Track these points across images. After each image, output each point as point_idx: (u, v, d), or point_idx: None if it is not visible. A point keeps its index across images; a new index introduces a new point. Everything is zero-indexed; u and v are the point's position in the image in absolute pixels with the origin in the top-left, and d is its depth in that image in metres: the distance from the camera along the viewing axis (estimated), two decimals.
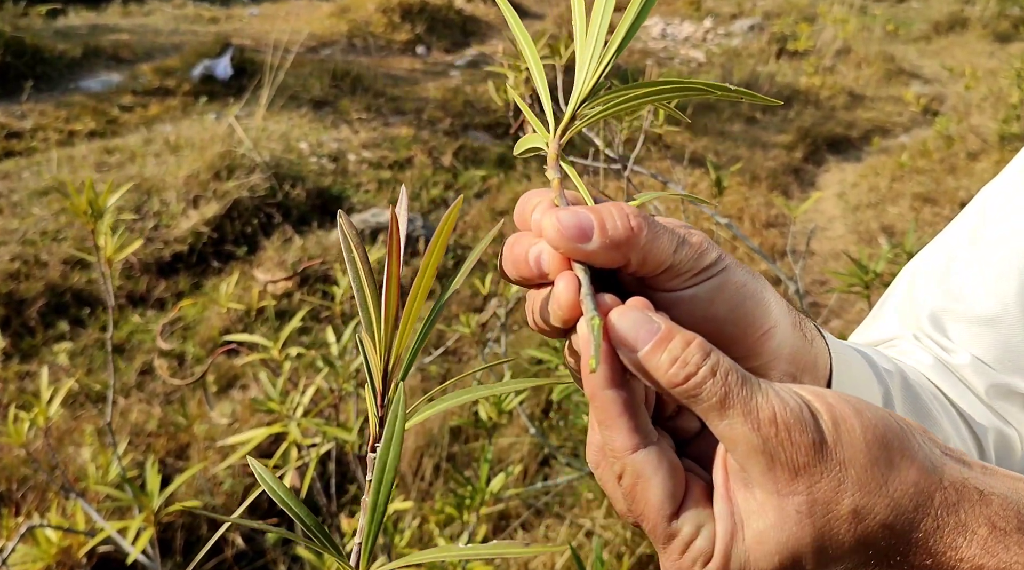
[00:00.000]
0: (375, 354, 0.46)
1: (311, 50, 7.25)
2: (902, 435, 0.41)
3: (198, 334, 3.67)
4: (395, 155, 5.44)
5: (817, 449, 0.40)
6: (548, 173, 0.50)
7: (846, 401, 0.42)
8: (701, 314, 0.47)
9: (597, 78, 0.50)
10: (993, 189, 0.80)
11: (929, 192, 5.14)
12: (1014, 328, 0.73)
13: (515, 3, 9.42)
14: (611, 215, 0.45)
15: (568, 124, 0.50)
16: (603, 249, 0.44)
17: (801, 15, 8.33)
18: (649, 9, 0.50)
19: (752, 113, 6.60)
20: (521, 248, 0.47)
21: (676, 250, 0.46)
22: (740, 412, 0.40)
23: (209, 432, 2.94)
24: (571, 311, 0.45)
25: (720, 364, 0.41)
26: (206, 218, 4.38)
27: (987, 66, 7.44)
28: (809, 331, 0.55)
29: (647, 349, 0.42)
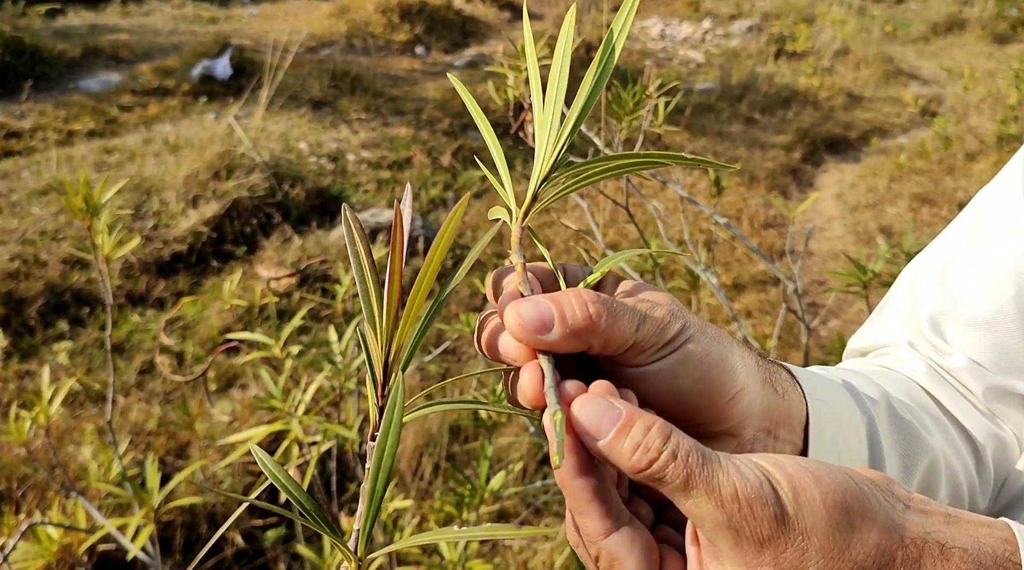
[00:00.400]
0: (376, 346, 0.47)
1: (310, 50, 7.26)
2: (862, 497, 0.43)
3: (197, 333, 3.67)
4: (394, 155, 5.44)
5: (780, 521, 0.41)
6: (512, 257, 0.51)
7: (805, 469, 0.43)
8: (667, 387, 0.49)
9: (555, 158, 0.51)
10: (991, 191, 0.81)
11: (927, 193, 5.15)
12: (1010, 330, 0.73)
13: (514, 3, 9.43)
14: (570, 304, 0.46)
15: (530, 205, 0.52)
16: (564, 339, 0.46)
17: (800, 16, 8.34)
18: (602, 87, 0.52)
19: (751, 114, 6.61)
20: (491, 335, 0.50)
21: (638, 329, 0.48)
22: (703, 491, 0.41)
23: (209, 431, 2.94)
24: (537, 401, 0.47)
25: (681, 446, 0.42)
26: (205, 218, 4.39)
27: (985, 67, 7.45)
28: (780, 384, 0.57)
29: (609, 438, 0.43)
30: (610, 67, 0.51)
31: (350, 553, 0.45)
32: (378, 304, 0.47)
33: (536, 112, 0.53)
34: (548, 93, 0.52)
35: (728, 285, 4.21)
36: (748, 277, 4.36)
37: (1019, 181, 0.77)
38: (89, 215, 1.62)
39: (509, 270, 0.52)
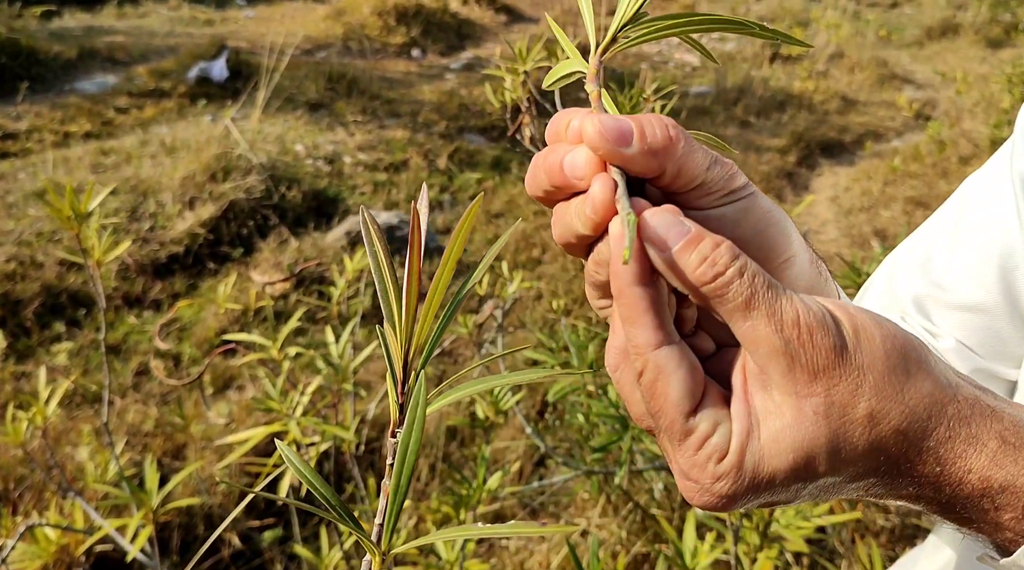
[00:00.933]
0: (396, 344, 0.48)
1: (306, 52, 7.27)
2: (920, 349, 0.43)
3: (194, 335, 3.68)
4: (390, 157, 5.45)
5: (838, 353, 0.41)
6: (588, 86, 0.51)
7: (867, 313, 0.44)
8: (727, 234, 0.48)
9: (639, 6, 0.51)
10: (975, 179, 0.82)
11: (921, 196, 5.17)
12: (997, 314, 0.74)
13: (510, 7, 9.45)
14: (651, 123, 0.46)
15: (609, 44, 0.52)
16: (641, 155, 0.45)
17: (795, 20, 8.37)
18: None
19: (746, 117, 6.63)
20: (556, 156, 0.48)
21: (709, 167, 0.47)
22: (764, 313, 0.41)
23: (206, 432, 2.95)
24: (605, 212, 0.46)
25: (747, 266, 0.43)
26: (202, 220, 4.39)
27: (979, 71, 7.49)
28: (824, 271, 0.57)
29: (678, 248, 0.43)
30: None
31: (374, 546, 0.45)
32: (397, 303, 0.47)
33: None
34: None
35: None
36: None
37: (1001, 170, 0.78)
38: (77, 223, 1.62)
39: (572, 110, 0.50)
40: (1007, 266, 0.74)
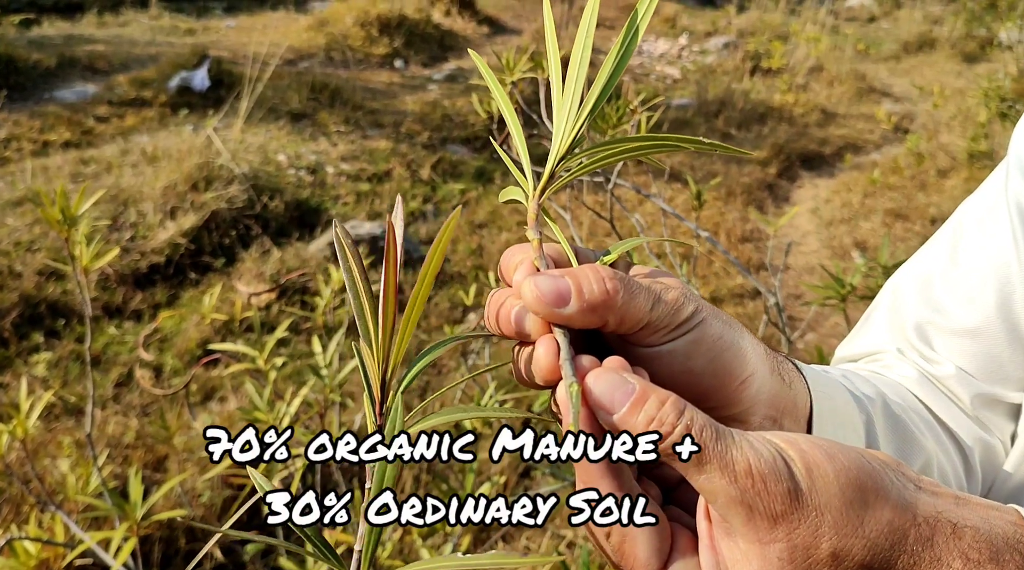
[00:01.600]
0: (373, 363, 0.47)
1: (289, 63, 7.25)
2: (874, 475, 0.43)
3: (176, 346, 3.64)
4: (373, 168, 5.44)
5: (793, 497, 0.41)
6: (528, 233, 0.51)
7: (818, 446, 0.43)
8: (679, 368, 0.49)
9: (574, 137, 0.52)
10: (971, 203, 0.83)
11: (901, 208, 5.22)
12: (996, 338, 0.75)
13: (492, 19, 9.48)
14: (588, 280, 0.46)
15: (547, 183, 0.52)
16: (580, 313, 0.46)
17: (774, 33, 8.45)
18: (622, 69, 0.52)
19: (727, 129, 6.68)
20: (505, 309, 0.49)
21: (652, 308, 0.48)
22: (717, 466, 0.41)
23: (188, 444, 2.92)
24: (551, 374, 0.47)
25: (695, 421, 0.43)
26: (183, 229, 4.36)
27: (955, 85, 7.59)
28: (787, 373, 0.57)
29: (623, 412, 0.43)
30: (633, 47, 0.52)
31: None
32: (373, 320, 0.47)
33: (555, 89, 0.53)
34: (569, 70, 0.52)
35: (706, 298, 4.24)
36: (726, 290, 4.40)
37: (997, 193, 0.79)
38: (67, 227, 1.61)
39: (521, 249, 0.52)
40: (1005, 291, 0.74)
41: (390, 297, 0.45)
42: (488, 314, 0.51)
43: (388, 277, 0.45)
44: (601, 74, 0.51)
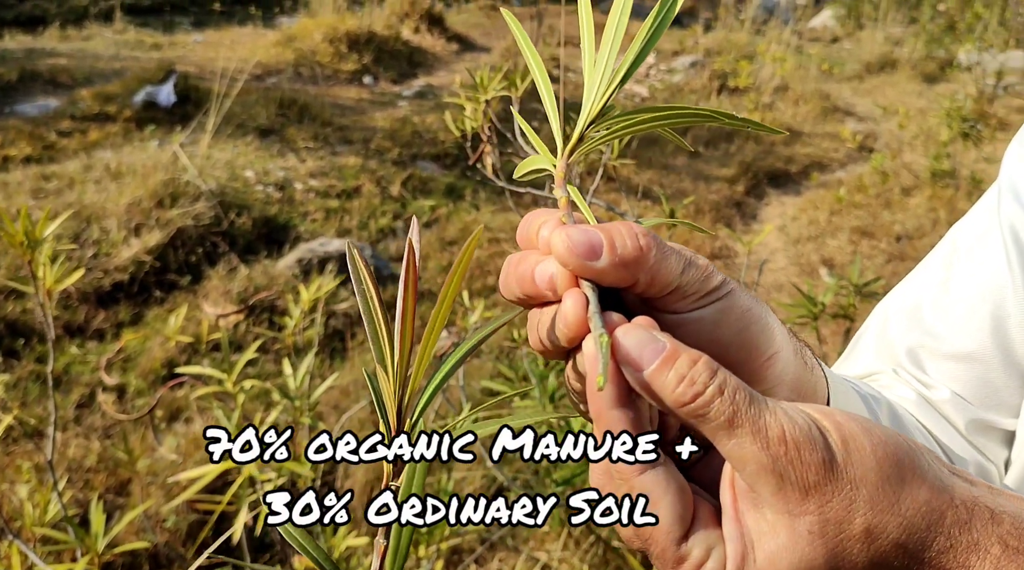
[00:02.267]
0: (389, 388, 0.45)
1: (256, 78, 7.19)
2: (912, 453, 0.42)
3: (140, 366, 3.56)
4: (343, 184, 5.40)
5: (828, 467, 0.40)
6: (556, 192, 0.50)
7: (854, 419, 0.42)
8: (707, 337, 0.47)
9: (606, 100, 0.50)
10: (962, 227, 0.83)
11: (866, 226, 5.29)
12: (990, 364, 0.74)
13: (461, 36, 9.50)
14: (620, 234, 0.45)
15: (576, 145, 0.50)
16: (612, 267, 0.44)
17: (741, 53, 8.56)
18: (663, 30, 0.51)
19: (695, 146, 6.73)
20: (527, 266, 0.47)
21: (683, 271, 0.46)
22: (749, 431, 0.40)
23: (152, 467, 2.84)
24: (578, 329, 0.44)
25: (727, 383, 0.41)
26: (148, 247, 4.28)
27: (916, 105, 7.73)
28: (809, 359, 0.56)
29: (653, 368, 0.42)
30: (672, 12, 0.50)
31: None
32: (389, 343, 0.45)
33: (587, 49, 0.51)
34: (606, 31, 0.50)
35: None
36: None
37: (988, 218, 0.79)
38: (30, 249, 1.56)
39: (543, 212, 0.49)
40: (999, 315, 0.74)
41: (408, 318, 0.43)
42: (507, 276, 0.49)
43: (407, 298, 0.43)
44: (637, 39, 0.50)
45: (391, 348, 0.45)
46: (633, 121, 0.50)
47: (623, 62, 0.51)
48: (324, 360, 3.66)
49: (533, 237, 0.48)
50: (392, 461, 0.44)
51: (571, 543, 2.47)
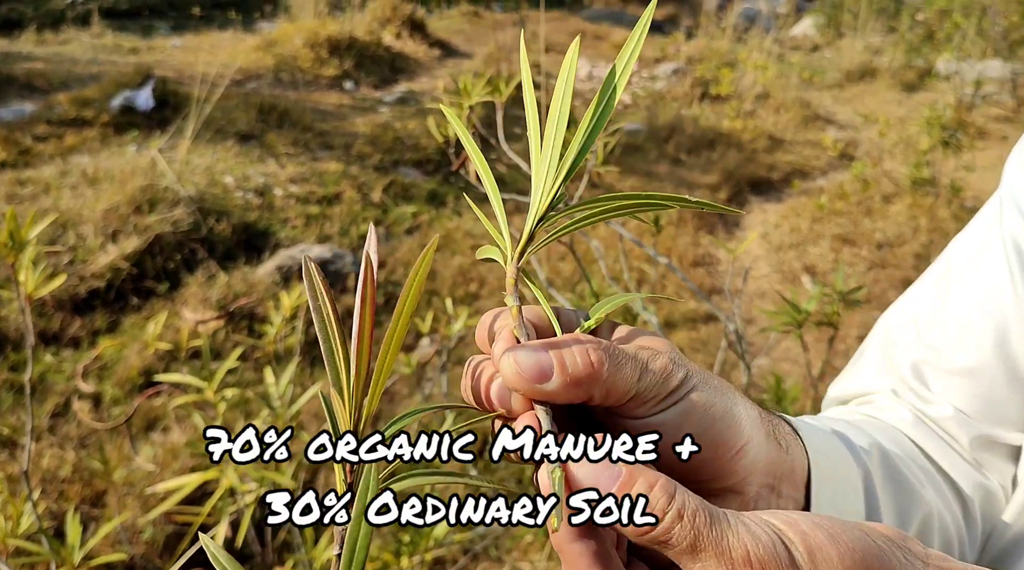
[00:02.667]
0: (344, 413, 0.43)
1: (236, 83, 7.13)
2: (881, 557, 0.40)
3: (116, 374, 3.50)
4: (323, 190, 5.35)
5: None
6: (507, 300, 0.48)
7: (819, 527, 0.40)
8: (670, 440, 0.46)
9: (553, 196, 0.49)
10: (962, 240, 0.81)
11: (848, 233, 5.31)
12: (994, 378, 0.73)
13: (443, 42, 9.48)
14: (571, 353, 0.44)
15: (526, 245, 0.49)
16: (564, 388, 0.43)
17: (722, 61, 8.59)
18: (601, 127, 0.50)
19: (677, 154, 6.74)
20: (482, 381, 0.47)
21: (640, 378, 0.45)
22: (712, 554, 0.38)
23: (129, 478, 2.79)
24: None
25: (687, 505, 0.40)
26: (125, 253, 4.22)
27: (896, 114, 7.79)
28: (783, 437, 0.54)
29: None
30: (612, 103, 0.49)
31: None
32: (345, 365, 0.42)
33: (533, 145, 0.50)
34: (548, 125, 0.50)
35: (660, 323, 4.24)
36: (679, 315, 4.40)
37: (985, 231, 0.77)
38: (14, 252, 1.52)
39: (501, 313, 0.49)
40: (1001, 329, 0.73)
41: (365, 337, 0.41)
42: (465, 387, 0.48)
43: (364, 316, 0.40)
44: (579, 132, 0.49)
45: (347, 370, 0.42)
46: (583, 216, 0.49)
47: (567, 156, 0.49)
48: (305, 368, 3.62)
49: (487, 344, 0.48)
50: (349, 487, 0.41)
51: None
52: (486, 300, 4.30)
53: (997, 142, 6.95)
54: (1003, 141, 6.96)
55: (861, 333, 4.28)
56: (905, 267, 4.93)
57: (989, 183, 5.95)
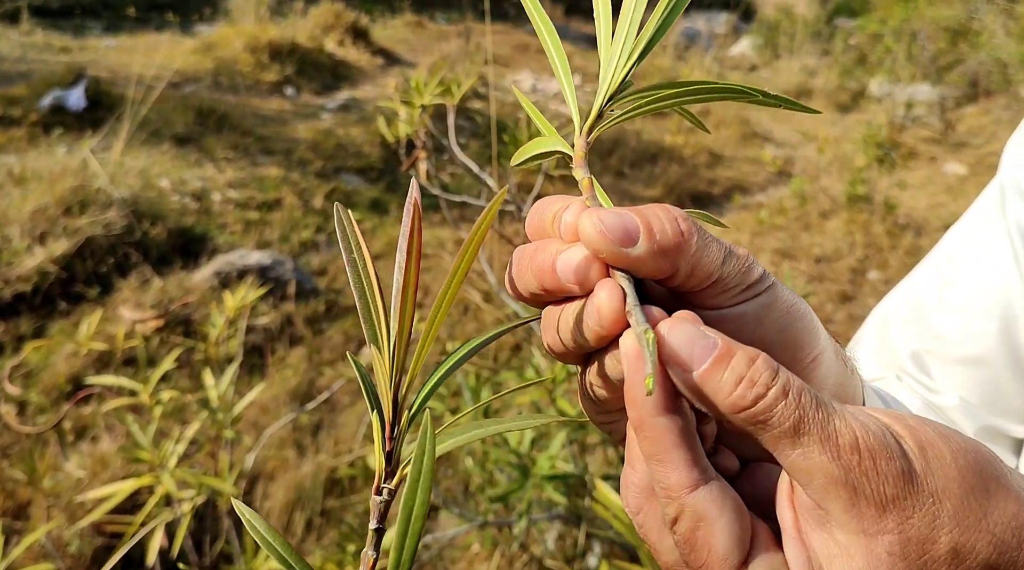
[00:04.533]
0: (385, 373, 0.38)
1: (173, 86, 6.96)
2: (993, 462, 0.36)
3: (42, 381, 3.35)
4: (263, 196, 5.24)
5: (907, 479, 0.34)
6: (576, 172, 0.45)
7: (929, 424, 0.36)
8: (748, 336, 0.42)
9: (626, 73, 0.46)
10: (958, 230, 0.80)
11: (787, 247, 5.40)
12: (999, 368, 0.71)
13: (387, 51, 9.42)
14: (658, 218, 0.39)
15: (595, 121, 0.46)
16: (650, 255, 0.39)
17: (664, 77, 8.70)
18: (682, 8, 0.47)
19: (621, 167, 6.79)
20: (546, 255, 0.41)
21: (724, 261, 0.41)
22: (817, 438, 0.34)
23: (56, 488, 2.66)
24: (613, 325, 0.39)
25: (791, 384, 0.35)
26: (54, 256, 4.05)
27: (831, 133, 7.98)
28: (848, 360, 0.51)
29: (706, 367, 0.36)
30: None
31: None
32: (385, 322, 0.38)
33: (603, 17, 0.46)
34: (625, 3, 0.46)
35: None
36: None
37: (997, 218, 0.76)
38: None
39: (557, 199, 0.43)
40: (1008, 316, 0.71)
41: (409, 293, 0.36)
42: (521, 268, 0.42)
43: (409, 269, 0.36)
44: (657, 11, 0.46)
45: (387, 325, 0.38)
46: (655, 96, 0.45)
47: (644, 32, 0.46)
48: (243, 376, 3.51)
49: (549, 225, 0.43)
50: (387, 456, 0.36)
51: (504, 563, 2.40)
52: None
53: (926, 162, 7.17)
54: (932, 161, 7.18)
55: None
56: (842, 281, 5.02)
57: (920, 201, 6.14)
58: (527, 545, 2.39)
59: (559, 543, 2.38)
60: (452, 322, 4.11)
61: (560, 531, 2.40)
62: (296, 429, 3.24)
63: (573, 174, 0.45)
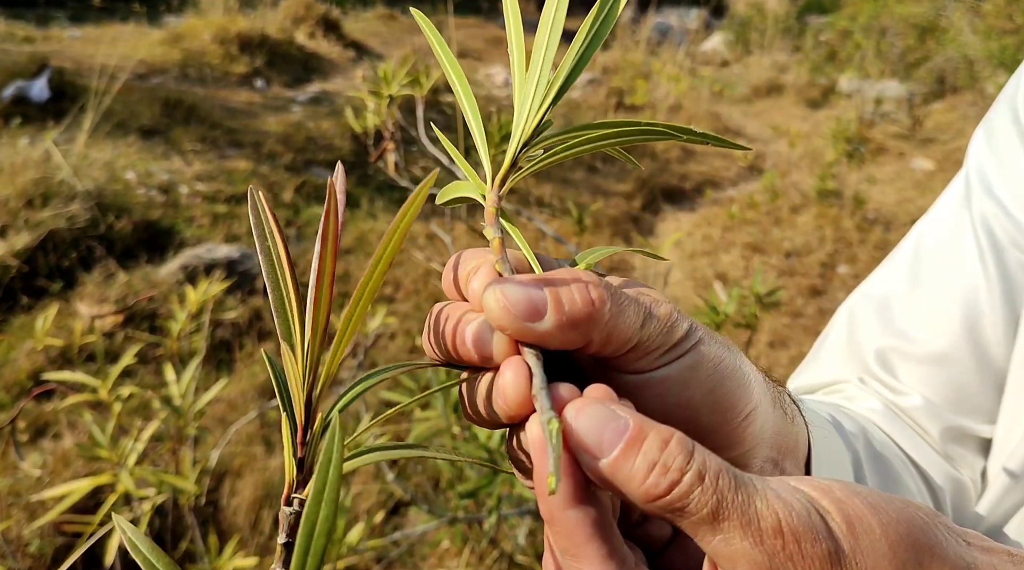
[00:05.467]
0: (297, 371, 0.35)
1: (140, 77, 6.84)
2: (927, 530, 0.34)
3: (3, 377, 3.27)
4: (231, 189, 5.16)
5: (833, 561, 0.32)
6: (486, 231, 0.41)
7: (858, 494, 0.34)
8: (674, 400, 0.40)
9: (541, 116, 0.43)
10: (925, 225, 0.78)
11: (758, 242, 5.42)
12: (964, 366, 0.70)
13: (358, 43, 9.34)
14: (568, 289, 0.37)
15: (508, 172, 0.43)
16: (559, 329, 0.36)
17: (637, 71, 8.71)
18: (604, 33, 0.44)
19: (593, 162, 6.78)
20: (452, 322, 0.39)
21: (643, 324, 0.38)
22: (738, 523, 0.32)
23: (13, 487, 2.59)
24: (520, 408, 0.36)
25: (708, 465, 0.33)
26: (15, 249, 3.96)
27: (801, 129, 8.03)
28: (788, 407, 0.49)
29: (615, 455, 0.33)
30: (615, 13, 0.43)
31: None
32: (299, 314, 0.35)
33: (517, 61, 0.43)
34: (538, 39, 0.43)
35: None
36: None
37: (951, 214, 0.75)
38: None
39: (475, 253, 0.41)
40: (972, 314, 0.69)
41: (325, 282, 0.33)
42: (432, 334, 0.40)
43: (325, 258, 0.33)
44: (573, 46, 0.43)
45: (300, 320, 0.35)
46: (577, 140, 0.42)
47: (559, 71, 0.43)
48: (210, 372, 3.45)
49: (462, 286, 0.41)
50: (299, 463, 0.33)
51: (474, 559, 2.38)
52: (401, 303, 4.21)
53: (895, 158, 7.23)
54: (900, 157, 7.25)
55: (772, 339, 4.36)
56: (812, 275, 5.05)
57: (889, 196, 6.19)
58: (498, 541, 2.37)
59: (530, 539, 2.37)
60: (423, 316, 4.07)
61: (531, 527, 2.38)
62: (264, 425, 3.19)
63: (484, 233, 0.42)
